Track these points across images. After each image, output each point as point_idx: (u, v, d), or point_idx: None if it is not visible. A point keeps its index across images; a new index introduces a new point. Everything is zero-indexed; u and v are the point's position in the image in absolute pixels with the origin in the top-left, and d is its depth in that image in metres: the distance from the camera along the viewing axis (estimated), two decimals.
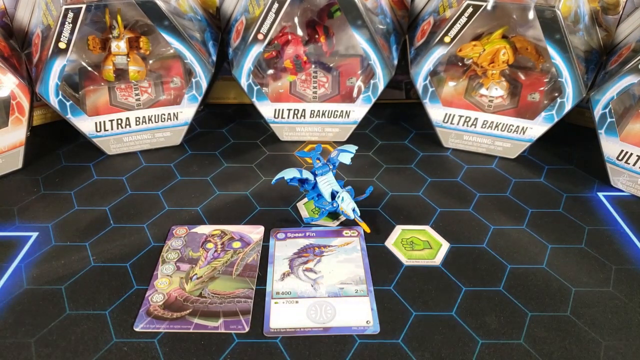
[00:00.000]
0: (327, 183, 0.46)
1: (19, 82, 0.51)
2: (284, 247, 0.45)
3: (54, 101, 0.52)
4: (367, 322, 0.38)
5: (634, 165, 0.51)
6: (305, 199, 0.51)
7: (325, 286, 0.41)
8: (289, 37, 0.57)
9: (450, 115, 0.57)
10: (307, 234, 0.46)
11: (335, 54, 0.60)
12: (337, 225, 0.47)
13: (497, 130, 0.57)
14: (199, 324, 0.37)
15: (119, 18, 0.52)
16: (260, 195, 0.52)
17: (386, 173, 0.55)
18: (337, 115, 0.59)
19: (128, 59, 0.54)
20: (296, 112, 0.59)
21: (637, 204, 0.51)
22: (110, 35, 0.53)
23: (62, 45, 0.49)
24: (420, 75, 0.55)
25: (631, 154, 0.51)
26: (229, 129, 0.64)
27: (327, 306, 0.39)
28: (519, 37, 0.53)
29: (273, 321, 0.38)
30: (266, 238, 0.46)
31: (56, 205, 0.50)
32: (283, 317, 0.38)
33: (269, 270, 0.42)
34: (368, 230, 0.46)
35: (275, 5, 0.51)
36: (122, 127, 0.57)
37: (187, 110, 0.58)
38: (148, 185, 0.53)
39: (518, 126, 0.56)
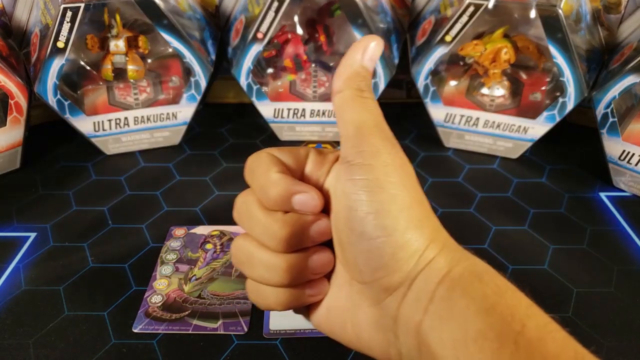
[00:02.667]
0: None
1: (17, 82, 0.51)
2: None
3: (52, 101, 0.52)
4: None
5: (636, 165, 0.51)
6: None
7: None
8: (289, 36, 0.56)
9: (451, 114, 0.57)
10: None
11: (336, 53, 0.59)
12: None
13: (499, 130, 0.56)
14: (198, 325, 0.37)
15: (117, 17, 0.52)
16: None
17: None
18: None
19: (127, 58, 0.54)
20: (296, 111, 0.59)
21: (639, 204, 0.51)
22: (109, 34, 0.53)
23: (60, 44, 0.49)
24: (421, 75, 0.55)
25: (633, 154, 0.50)
26: (228, 129, 0.64)
27: None
28: (521, 36, 0.53)
29: (273, 322, 0.37)
30: None
31: (54, 205, 0.50)
32: (283, 318, 0.38)
33: None
34: None
35: (275, 4, 0.51)
36: (120, 127, 0.56)
37: (186, 110, 0.58)
38: (147, 185, 0.53)
39: (520, 126, 0.55)
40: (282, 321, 0.37)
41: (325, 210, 0.28)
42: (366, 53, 0.27)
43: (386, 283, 0.25)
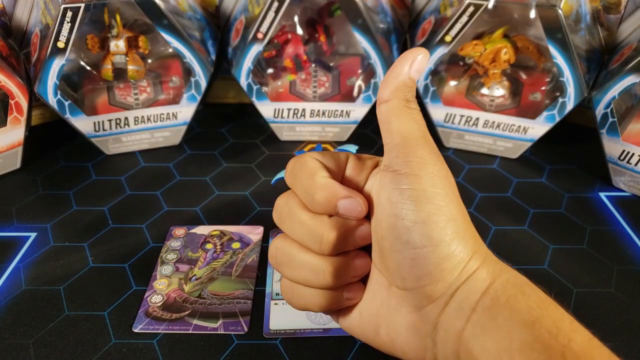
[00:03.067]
0: None
1: (17, 82, 0.51)
2: None
3: (52, 101, 0.52)
4: None
5: (635, 165, 0.51)
6: None
7: None
8: (289, 36, 0.56)
9: (451, 115, 0.57)
10: None
11: (336, 53, 0.59)
12: None
13: (499, 130, 0.56)
14: (198, 325, 0.37)
15: (117, 17, 0.52)
16: (260, 196, 0.51)
17: None
18: (337, 114, 0.59)
19: (127, 58, 0.54)
20: (296, 111, 0.59)
21: (639, 204, 0.51)
22: (109, 35, 0.53)
23: (60, 44, 0.49)
24: (422, 75, 0.55)
25: (633, 154, 0.50)
26: (228, 129, 0.64)
27: None
28: (520, 37, 0.53)
29: (273, 322, 0.37)
30: (266, 239, 0.46)
31: (55, 205, 0.50)
32: (283, 318, 0.38)
33: (268, 271, 0.42)
34: None
35: (275, 4, 0.51)
36: (120, 127, 0.57)
37: (186, 110, 0.58)
38: (147, 185, 0.53)
39: (520, 126, 0.55)
40: (282, 321, 0.38)
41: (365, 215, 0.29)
42: (414, 65, 0.28)
43: (429, 291, 0.26)
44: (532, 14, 0.50)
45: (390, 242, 0.27)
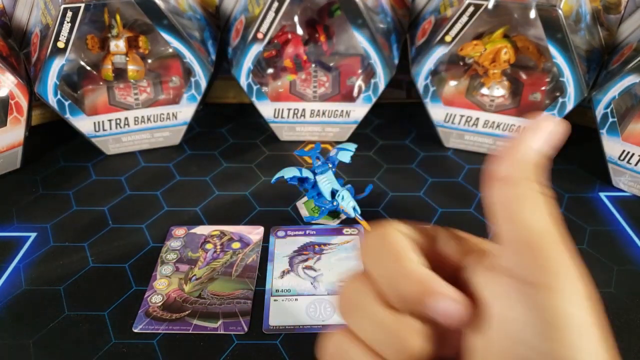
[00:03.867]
0: (327, 181, 0.46)
1: (17, 82, 0.51)
2: (284, 245, 0.44)
3: (52, 101, 0.52)
4: None
5: (635, 165, 0.51)
6: (305, 197, 0.50)
7: (325, 284, 0.41)
8: (289, 36, 0.56)
9: (451, 114, 0.57)
10: (307, 231, 0.46)
11: (336, 53, 0.59)
12: (338, 224, 0.47)
13: (499, 130, 0.56)
14: (198, 325, 0.37)
15: (117, 17, 0.52)
16: (260, 196, 0.51)
17: (387, 173, 0.55)
18: (337, 114, 0.59)
19: (127, 58, 0.54)
20: (296, 111, 0.59)
21: (639, 204, 0.51)
22: (109, 35, 0.53)
23: (60, 44, 0.49)
24: (421, 75, 0.55)
25: (633, 154, 0.50)
26: (228, 129, 0.64)
27: (326, 304, 0.39)
28: (520, 37, 0.53)
29: (272, 318, 0.37)
30: (266, 238, 0.46)
31: (55, 205, 0.50)
32: (282, 314, 0.38)
33: (268, 267, 0.42)
34: (369, 229, 0.46)
35: (275, 4, 0.51)
36: (120, 127, 0.56)
37: (186, 110, 0.58)
38: (147, 185, 0.53)
39: (520, 126, 0.55)
40: (282, 317, 0.38)
41: None
42: (548, 139, 0.22)
43: None
44: (532, 14, 0.50)
45: None
